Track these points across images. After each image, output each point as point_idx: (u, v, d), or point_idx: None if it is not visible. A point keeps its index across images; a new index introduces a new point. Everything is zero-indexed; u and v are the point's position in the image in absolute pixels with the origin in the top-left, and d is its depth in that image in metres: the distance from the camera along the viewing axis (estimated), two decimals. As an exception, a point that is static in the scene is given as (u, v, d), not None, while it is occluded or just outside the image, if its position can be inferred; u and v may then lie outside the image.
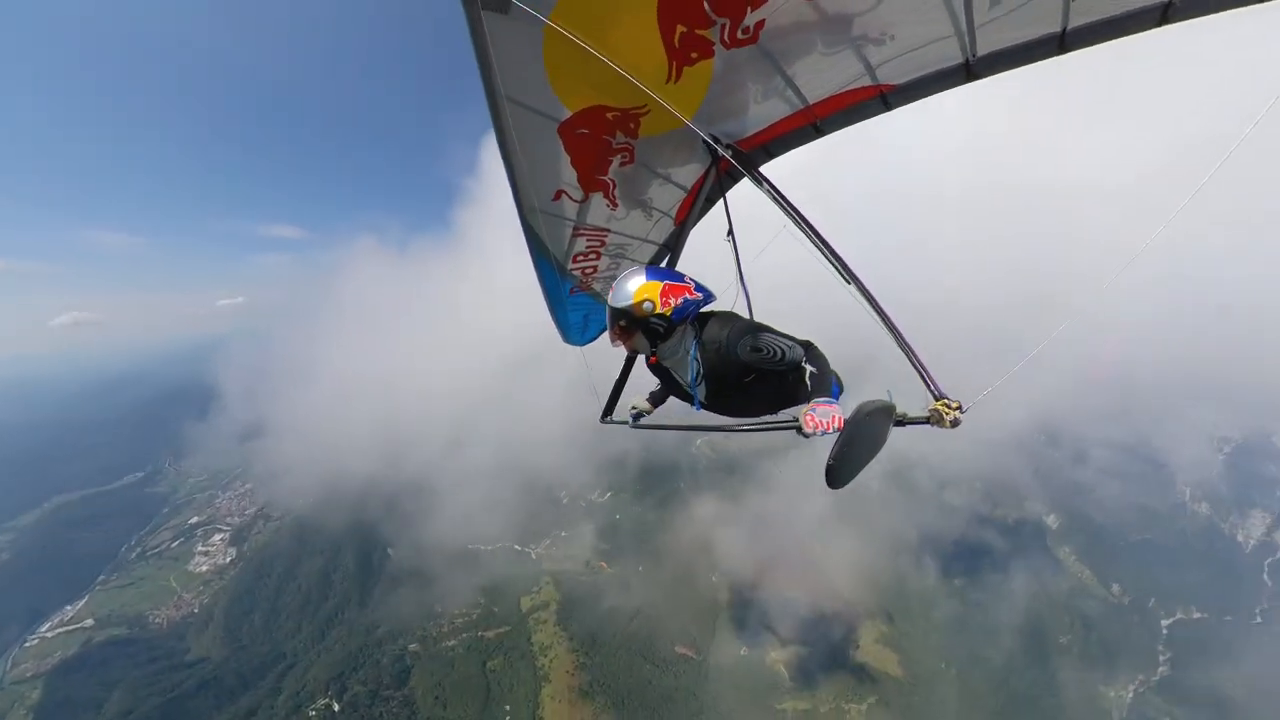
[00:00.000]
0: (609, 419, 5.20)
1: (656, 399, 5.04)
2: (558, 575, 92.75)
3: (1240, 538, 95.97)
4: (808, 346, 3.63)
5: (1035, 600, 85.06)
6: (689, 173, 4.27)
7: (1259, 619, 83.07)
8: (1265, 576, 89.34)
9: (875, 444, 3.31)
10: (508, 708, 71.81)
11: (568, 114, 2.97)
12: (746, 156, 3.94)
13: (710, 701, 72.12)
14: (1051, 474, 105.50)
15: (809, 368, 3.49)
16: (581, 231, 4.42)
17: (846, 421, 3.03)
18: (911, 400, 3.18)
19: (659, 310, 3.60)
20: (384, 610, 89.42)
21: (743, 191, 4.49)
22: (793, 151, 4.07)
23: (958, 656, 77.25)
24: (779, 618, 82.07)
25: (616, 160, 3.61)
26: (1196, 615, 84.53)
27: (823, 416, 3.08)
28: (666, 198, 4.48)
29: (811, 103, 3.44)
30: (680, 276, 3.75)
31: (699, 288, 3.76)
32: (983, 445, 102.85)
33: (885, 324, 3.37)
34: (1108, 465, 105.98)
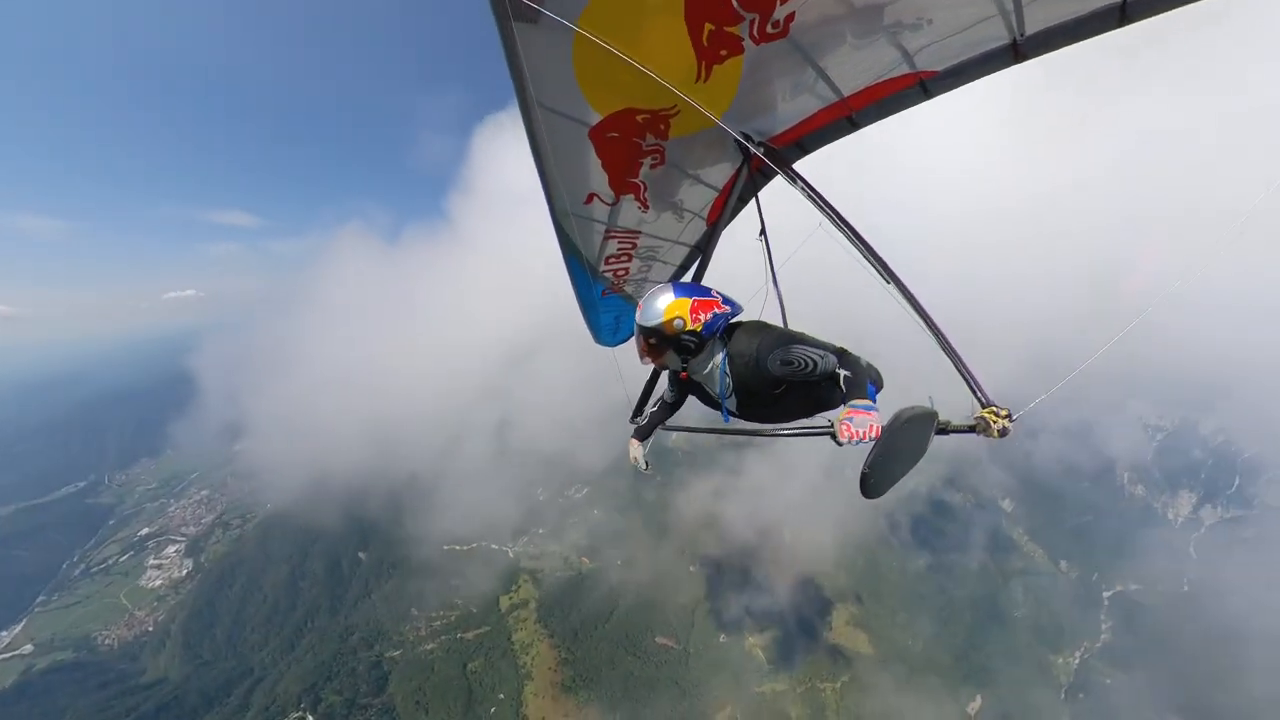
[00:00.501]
0: (638, 420, 5.21)
1: (644, 432, 4.94)
2: (536, 573, 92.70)
3: (1170, 515, 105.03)
4: (841, 354, 3.55)
5: (992, 578, 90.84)
6: (720, 172, 4.27)
7: (1186, 587, 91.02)
8: (1191, 549, 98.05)
9: (915, 453, 3.20)
10: (498, 699, 71.99)
11: (598, 118, 3.00)
12: (779, 153, 3.92)
13: (691, 688, 74.00)
14: (1006, 458, 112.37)
15: (843, 373, 3.44)
16: (613, 234, 4.43)
17: (884, 429, 2.94)
18: (928, 402, 3.13)
19: (690, 327, 3.60)
20: (357, 616, 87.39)
21: (771, 190, 4.49)
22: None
23: (923, 633, 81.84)
24: (756, 605, 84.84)
25: (647, 162, 3.62)
26: (1134, 587, 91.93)
27: (859, 425, 2.99)
28: (698, 198, 4.49)
29: (846, 95, 3.40)
30: (708, 291, 3.75)
31: (726, 300, 3.76)
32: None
33: (929, 327, 3.28)
34: (1056, 452, 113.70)
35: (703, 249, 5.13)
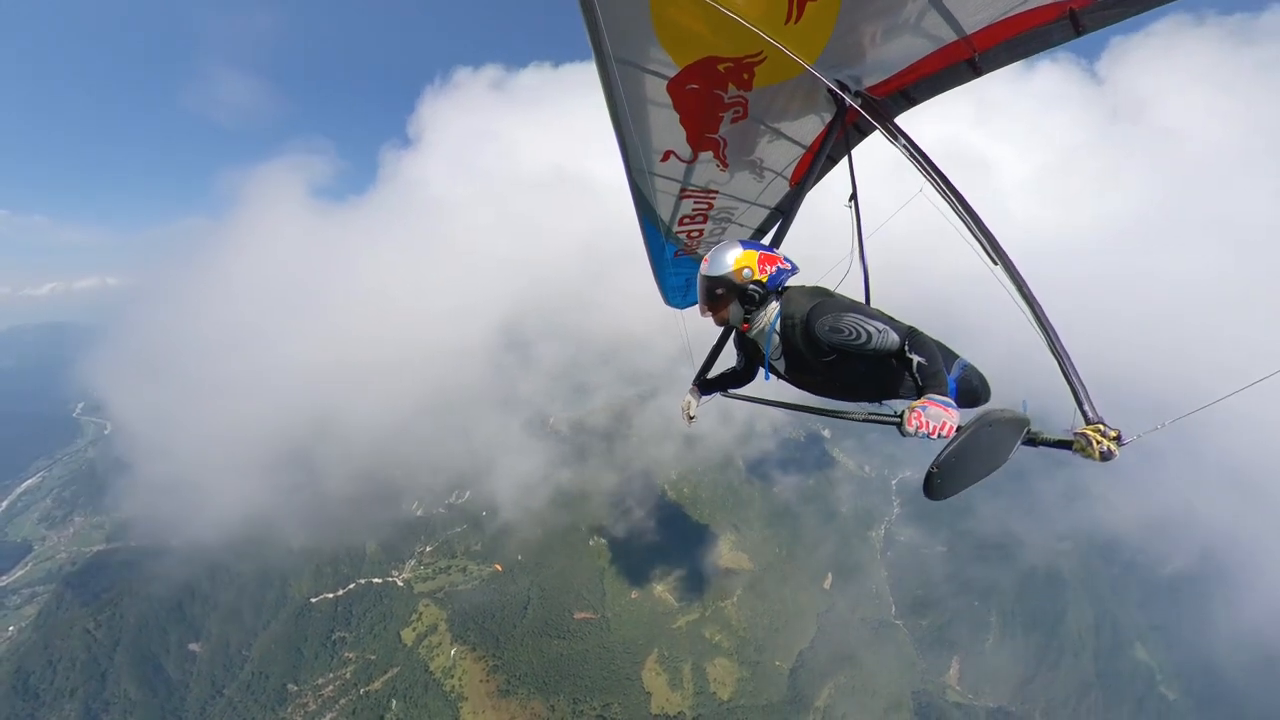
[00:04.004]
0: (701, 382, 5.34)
1: (705, 386, 5.27)
2: (436, 593, 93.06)
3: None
4: (909, 334, 3.49)
5: (823, 488, 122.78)
6: (809, 127, 4.12)
7: (935, 470, 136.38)
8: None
9: (994, 460, 2.99)
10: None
11: (677, 70, 2.93)
12: (879, 105, 3.67)
13: (620, 647, 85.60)
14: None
15: (915, 357, 3.33)
16: (689, 193, 4.53)
17: (963, 428, 2.87)
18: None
19: (757, 277, 3.83)
20: (212, 720, 77.07)
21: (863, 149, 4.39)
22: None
23: (785, 541, 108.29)
24: (655, 556, 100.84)
25: (728, 116, 3.55)
26: (908, 473, 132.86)
27: (933, 418, 2.94)
28: (782, 156, 4.43)
29: (970, 33, 3.06)
30: (772, 248, 4.07)
31: (788, 260, 4.03)
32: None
33: (1037, 320, 2.90)
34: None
35: (784, 212, 5.16)
